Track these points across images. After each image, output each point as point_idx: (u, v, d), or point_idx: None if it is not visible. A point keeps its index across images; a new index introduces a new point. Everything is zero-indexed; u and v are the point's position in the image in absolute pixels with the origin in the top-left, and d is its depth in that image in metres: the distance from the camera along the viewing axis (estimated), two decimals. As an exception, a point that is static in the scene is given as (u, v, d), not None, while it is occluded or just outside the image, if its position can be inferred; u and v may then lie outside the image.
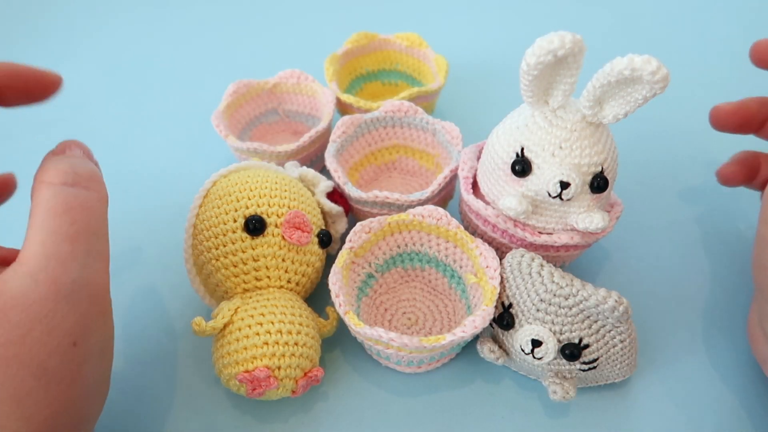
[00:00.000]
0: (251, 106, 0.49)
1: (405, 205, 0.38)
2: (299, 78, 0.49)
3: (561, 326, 0.31)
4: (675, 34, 0.63)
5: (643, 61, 0.25)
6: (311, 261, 0.36)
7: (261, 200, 0.34)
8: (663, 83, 0.26)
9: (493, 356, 0.34)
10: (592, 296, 0.30)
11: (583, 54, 0.27)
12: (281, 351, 0.31)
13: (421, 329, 0.37)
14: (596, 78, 0.27)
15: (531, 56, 0.27)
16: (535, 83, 0.29)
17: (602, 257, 0.42)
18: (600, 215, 0.32)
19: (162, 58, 0.63)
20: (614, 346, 0.32)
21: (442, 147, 0.44)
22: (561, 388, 0.32)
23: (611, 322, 0.31)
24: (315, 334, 0.34)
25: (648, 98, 0.27)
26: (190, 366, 0.37)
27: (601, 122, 0.30)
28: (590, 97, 0.28)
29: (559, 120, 0.30)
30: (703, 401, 0.34)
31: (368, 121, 0.44)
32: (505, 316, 0.33)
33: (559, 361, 0.32)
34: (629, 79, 0.26)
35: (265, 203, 0.34)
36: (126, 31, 0.68)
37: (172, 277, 0.41)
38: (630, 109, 0.28)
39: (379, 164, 0.46)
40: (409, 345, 0.31)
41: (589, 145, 0.30)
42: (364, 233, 0.37)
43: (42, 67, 0.31)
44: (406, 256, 0.39)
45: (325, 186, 0.39)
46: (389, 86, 0.56)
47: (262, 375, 0.30)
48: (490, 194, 0.35)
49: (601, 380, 0.34)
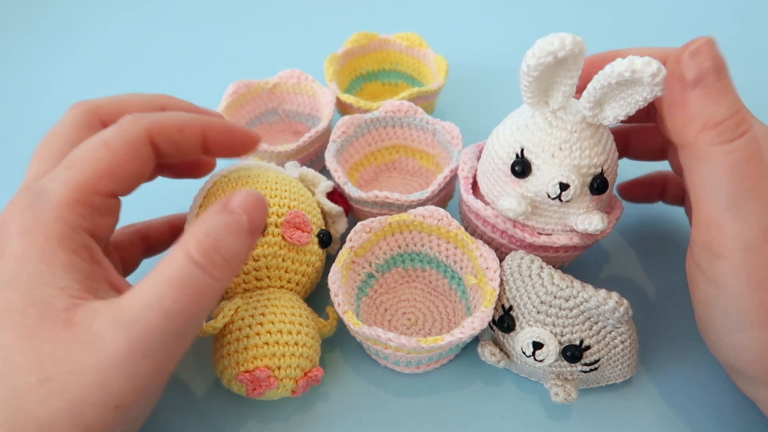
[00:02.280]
0: (251, 106, 0.49)
1: (405, 205, 0.38)
2: (299, 78, 0.49)
3: (562, 328, 0.31)
4: (675, 35, 0.63)
5: (644, 63, 0.25)
6: (311, 261, 0.36)
7: None
8: (663, 85, 0.26)
9: (494, 359, 0.34)
10: (592, 297, 0.30)
11: (583, 55, 0.27)
12: (281, 351, 0.31)
13: (421, 330, 0.37)
14: (596, 80, 0.27)
15: (531, 57, 0.27)
16: (535, 84, 0.29)
17: (602, 258, 0.42)
18: (599, 216, 0.32)
19: (162, 58, 0.63)
20: (615, 347, 0.32)
21: (442, 147, 0.44)
22: (563, 390, 0.32)
23: (612, 323, 0.31)
24: (315, 334, 0.34)
25: (648, 99, 0.27)
26: (190, 366, 0.37)
27: (601, 123, 0.30)
28: (590, 99, 0.28)
29: (559, 121, 0.30)
30: (703, 402, 0.34)
31: (368, 121, 0.44)
32: (505, 318, 0.33)
33: (560, 363, 0.32)
34: (630, 80, 0.26)
35: None
36: (126, 31, 0.68)
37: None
38: (630, 111, 0.28)
39: (379, 164, 0.46)
40: (408, 345, 0.31)
41: (589, 146, 0.30)
42: (364, 233, 0.37)
43: (244, 127, 0.34)
44: (407, 257, 0.39)
45: (325, 186, 0.39)
46: (389, 86, 0.56)
47: (263, 375, 0.30)
48: (489, 195, 0.35)
49: (602, 381, 0.34)
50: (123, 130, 0.28)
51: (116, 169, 0.27)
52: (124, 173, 0.28)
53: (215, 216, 0.26)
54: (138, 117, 0.29)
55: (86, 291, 0.25)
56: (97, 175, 0.27)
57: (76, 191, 0.26)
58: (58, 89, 0.60)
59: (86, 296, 0.25)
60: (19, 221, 0.25)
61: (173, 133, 0.29)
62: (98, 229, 0.28)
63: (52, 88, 0.60)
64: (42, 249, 0.25)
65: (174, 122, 0.30)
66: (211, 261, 0.25)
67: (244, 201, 0.27)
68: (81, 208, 0.26)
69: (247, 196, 0.27)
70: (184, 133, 0.30)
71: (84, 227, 0.27)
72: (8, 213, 0.26)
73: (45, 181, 0.27)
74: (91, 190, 0.27)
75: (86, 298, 0.25)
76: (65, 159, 0.28)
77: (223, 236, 0.26)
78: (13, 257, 0.25)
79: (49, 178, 0.27)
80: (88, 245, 0.27)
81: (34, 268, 0.25)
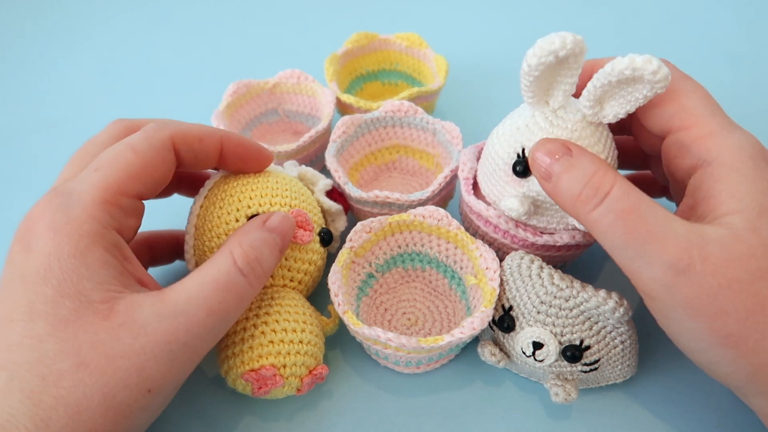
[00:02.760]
0: (251, 106, 0.49)
1: (405, 205, 0.38)
2: (299, 78, 0.49)
3: (562, 328, 0.31)
4: (674, 34, 0.63)
5: (644, 61, 0.25)
6: (313, 259, 0.36)
7: (263, 199, 0.34)
8: (664, 82, 0.26)
9: (494, 359, 0.34)
10: (592, 298, 0.30)
11: (584, 54, 0.27)
12: (287, 349, 0.31)
13: (421, 330, 0.37)
14: (597, 78, 0.27)
15: (532, 57, 0.27)
16: (536, 84, 0.28)
17: (603, 258, 0.42)
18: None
19: (162, 58, 0.63)
20: (615, 347, 0.32)
21: (442, 147, 0.44)
22: (563, 390, 0.32)
23: (612, 323, 0.31)
24: (319, 332, 0.34)
25: (648, 97, 0.27)
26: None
27: (601, 122, 0.30)
28: (591, 97, 0.28)
29: (559, 120, 0.30)
30: (703, 402, 0.34)
31: (368, 121, 0.44)
32: (505, 318, 0.33)
33: (560, 363, 0.32)
34: (630, 78, 0.26)
35: (266, 202, 0.34)
36: (126, 31, 0.68)
37: (175, 277, 0.41)
38: (630, 109, 0.28)
39: (379, 164, 0.46)
40: (407, 345, 0.31)
41: (590, 144, 0.30)
42: (364, 233, 0.37)
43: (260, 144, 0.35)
44: (407, 257, 0.39)
45: (324, 184, 0.39)
46: (389, 86, 0.56)
47: (269, 373, 0.31)
48: (490, 195, 0.34)
49: (602, 381, 0.34)
50: (149, 136, 0.30)
51: (143, 172, 0.29)
52: (149, 176, 0.29)
53: (257, 232, 0.31)
54: (162, 124, 0.31)
55: (123, 285, 0.27)
56: (125, 177, 0.28)
57: (106, 192, 0.28)
58: (59, 89, 0.60)
59: (123, 290, 0.27)
60: (51, 219, 0.26)
61: (194, 141, 0.31)
62: (125, 229, 0.29)
63: (53, 88, 0.60)
64: (76, 246, 0.26)
65: (195, 131, 0.32)
66: (253, 270, 0.29)
67: (281, 223, 0.32)
68: (111, 208, 0.28)
69: (283, 220, 0.32)
70: (203, 142, 0.32)
71: (114, 226, 0.28)
72: (36, 212, 0.27)
73: (74, 182, 0.28)
74: (119, 192, 0.28)
75: (123, 292, 0.27)
76: (93, 161, 0.29)
77: (263, 250, 0.30)
78: (43, 253, 0.26)
79: (78, 179, 0.28)
80: (119, 243, 0.28)
81: (68, 264, 0.26)
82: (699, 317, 0.26)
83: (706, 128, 0.28)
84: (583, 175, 0.28)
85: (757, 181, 0.27)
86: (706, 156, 0.28)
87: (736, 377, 0.27)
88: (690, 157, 0.29)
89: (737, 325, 0.25)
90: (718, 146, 0.28)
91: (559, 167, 0.29)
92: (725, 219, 0.26)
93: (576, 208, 0.28)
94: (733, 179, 0.27)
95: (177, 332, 0.26)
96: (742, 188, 0.26)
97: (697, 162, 0.28)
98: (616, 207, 0.27)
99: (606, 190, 0.27)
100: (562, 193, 0.29)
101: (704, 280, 0.25)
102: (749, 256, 0.25)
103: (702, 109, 0.29)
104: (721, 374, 0.28)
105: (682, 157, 0.29)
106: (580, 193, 0.28)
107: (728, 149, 0.27)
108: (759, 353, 0.25)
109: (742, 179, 0.27)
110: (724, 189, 0.27)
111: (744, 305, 0.25)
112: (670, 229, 0.26)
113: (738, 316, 0.25)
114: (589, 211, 0.27)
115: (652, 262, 0.26)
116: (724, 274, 0.25)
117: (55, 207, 0.27)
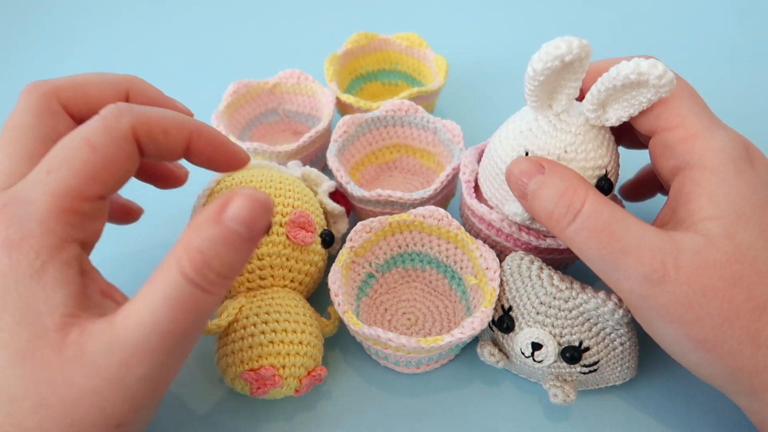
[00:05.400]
0: (251, 106, 0.49)
1: (408, 204, 0.38)
2: (299, 78, 0.49)
3: (561, 329, 0.31)
4: (675, 34, 0.63)
5: (650, 65, 0.25)
6: (315, 261, 0.36)
7: None
8: (669, 86, 0.26)
9: (493, 359, 0.34)
10: (592, 299, 0.30)
11: (589, 58, 0.27)
12: (286, 350, 0.31)
13: (421, 330, 0.37)
14: (601, 82, 0.27)
15: (538, 62, 0.26)
16: (540, 88, 0.28)
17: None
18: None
19: (162, 58, 0.63)
20: (614, 349, 0.32)
21: (443, 145, 0.44)
22: (561, 392, 0.32)
23: (611, 324, 0.31)
24: (318, 333, 0.34)
25: (652, 101, 0.27)
26: (192, 365, 0.37)
27: (603, 125, 0.30)
28: (594, 101, 0.28)
29: (563, 124, 0.30)
30: (703, 404, 0.34)
31: (369, 120, 0.44)
32: (505, 319, 0.33)
33: (559, 364, 0.32)
34: (635, 82, 0.26)
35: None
36: (125, 31, 0.68)
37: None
38: (633, 112, 0.28)
39: (380, 163, 0.46)
40: (407, 345, 0.31)
41: (593, 148, 0.30)
42: (364, 233, 0.37)
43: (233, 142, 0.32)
44: (407, 257, 0.39)
45: (327, 186, 0.39)
46: (389, 86, 0.56)
47: (267, 374, 0.31)
48: (493, 198, 0.34)
49: (602, 383, 0.34)
50: (107, 126, 0.26)
51: (103, 171, 0.25)
52: (111, 175, 0.26)
53: (208, 229, 0.23)
54: (123, 110, 0.26)
55: (79, 307, 0.24)
56: (84, 178, 0.25)
57: (63, 199, 0.24)
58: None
59: (79, 313, 0.24)
60: (4, 235, 0.24)
61: (158, 133, 0.27)
62: (88, 234, 0.26)
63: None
64: (32, 264, 0.23)
65: (161, 122, 0.27)
66: (205, 277, 0.23)
67: (243, 209, 0.23)
68: (70, 216, 0.25)
69: (246, 202, 0.23)
70: (169, 135, 0.28)
71: (74, 237, 0.25)
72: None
73: (26, 188, 0.25)
74: (78, 196, 0.25)
75: (79, 316, 0.24)
76: (45, 160, 0.25)
77: (217, 250, 0.23)
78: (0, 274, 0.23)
79: (31, 184, 0.25)
80: (79, 256, 0.25)
81: (23, 285, 0.23)
82: (676, 324, 0.26)
83: (691, 130, 0.28)
84: (554, 193, 0.28)
85: (737, 185, 0.27)
86: (688, 158, 0.28)
87: (716, 378, 0.28)
88: (674, 159, 0.29)
89: (713, 331, 0.26)
90: (701, 148, 0.28)
91: (533, 185, 0.29)
92: (702, 225, 0.26)
93: (551, 225, 0.29)
94: (713, 183, 0.27)
95: (129, 365, 0.23)
96: (721, 192, 0.27)
97: (680, 164, 0.29)
98: (588, 225, 0.27)
99: (577, 209, 0.27)
100: (537, 211, 0.29)
101: (679, 290, 0.26)
102: (723, 263, 0.26)
103: (687, 109, 0.29)
104: (703, 375, 0.28)
105: (666, 158, 0.29)
106: (553, 211, 0.28)
107: (711, 151, 0.28)
108: (736, 356, 0.26)
109: (721, 183, 0.27)
110: (703, 193, 0.27)
111: (719, 312, 0.25)
112: (644, 241, 0.26)
113: (713, 323, 0.26)
114: (564, 229, 0.28)
115: (628, 275, 0.26)
116: (698, 282, 0.25)
117: (9, 219, 0.24)
